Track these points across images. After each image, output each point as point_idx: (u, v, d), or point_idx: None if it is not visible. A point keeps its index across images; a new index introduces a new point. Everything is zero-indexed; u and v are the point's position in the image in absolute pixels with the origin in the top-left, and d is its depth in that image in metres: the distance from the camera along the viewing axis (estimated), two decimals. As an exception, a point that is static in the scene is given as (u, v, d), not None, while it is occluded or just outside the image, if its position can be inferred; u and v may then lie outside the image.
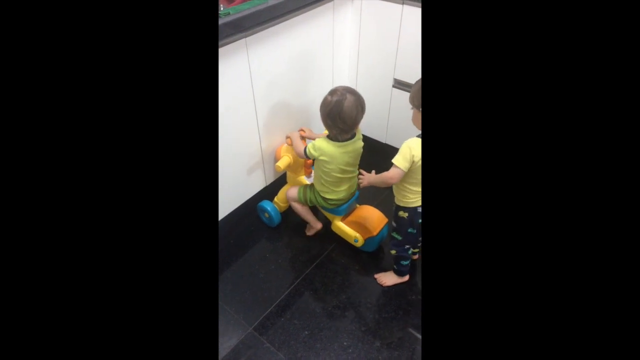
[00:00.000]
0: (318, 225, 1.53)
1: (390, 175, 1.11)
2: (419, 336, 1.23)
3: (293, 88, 1.50)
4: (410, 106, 1.09)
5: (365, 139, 1.91)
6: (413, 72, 1.54)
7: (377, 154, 1.84)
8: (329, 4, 1.45)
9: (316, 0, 1.37)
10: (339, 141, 1.26)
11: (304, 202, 1.46)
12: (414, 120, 1.10)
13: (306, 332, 1.24)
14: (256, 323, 1.27)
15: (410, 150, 1.06)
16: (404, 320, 1.27)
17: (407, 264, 1.34)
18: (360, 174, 1.26)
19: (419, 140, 1.07)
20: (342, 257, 1.48)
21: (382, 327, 1.26)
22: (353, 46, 1.66)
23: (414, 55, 1.50)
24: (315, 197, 1.40)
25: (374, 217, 1.43)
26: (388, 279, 1.38)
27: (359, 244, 1.43)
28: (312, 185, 1.44)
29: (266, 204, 1.54)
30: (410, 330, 1.25)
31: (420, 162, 1.07)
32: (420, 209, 1.19)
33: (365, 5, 1.53)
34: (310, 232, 1.54)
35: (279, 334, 1.24)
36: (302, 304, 1.33)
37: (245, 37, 1.18)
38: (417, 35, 1.46)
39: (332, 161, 1.27)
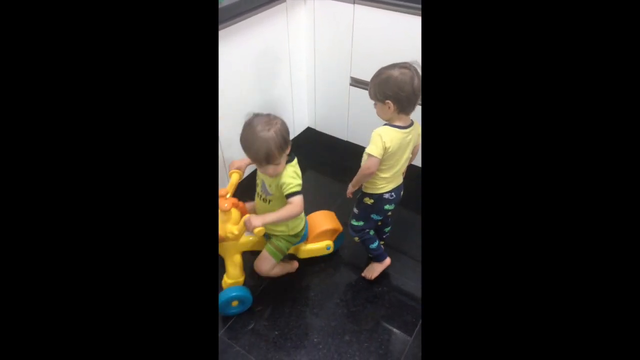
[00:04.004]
0: (295, 265, 1.41)
1: (367, 165, 1.13)
2: (387, 326, 1.26)
3: (250, 90, 1.50)
4: (373, 102, 1.12)
5: (326, 137, 1.95)
6: (369, 70, 1.56)
7: (339, 151, 1.87)
8: (282, 5, 1.46)
9: (268, 2, 1.38)
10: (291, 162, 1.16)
11: (282, 258, 1.29)
12: (378, 113, 1.13)
13: (276, 333, 1.24)
14: (225, 328, 1.25)
15: (381, 138, 1.09)
16: (371, 312, 1.30)
17: (377, 245, 1.34)
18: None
19: (388, 127, 1.11)
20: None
21: (351, 320, 1.28)
22: (309, 46, 1.68)
23: (368, 54, 1.53)
24: (289, 241, 1.27)
25: (326, 217, 1.41)
26: (372, 272, 1.37)
27: (332, 249, 1.43)
28: (276, 236, 1.26)
29: (229, 293, 1.21)
30: (379, 321, 1.27)
31: (391, 149, 1.11)
32: (386, 195, 1.21)
33: (317, 6, 1.56)
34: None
35: (249, 337, 1.23)
36: (271, 305, 1.32)
37: (198, 39, 1.17)
38: (370, 34, 1.50)
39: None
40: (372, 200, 1.23)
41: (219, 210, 1.14)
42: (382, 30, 1.45)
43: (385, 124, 1.12)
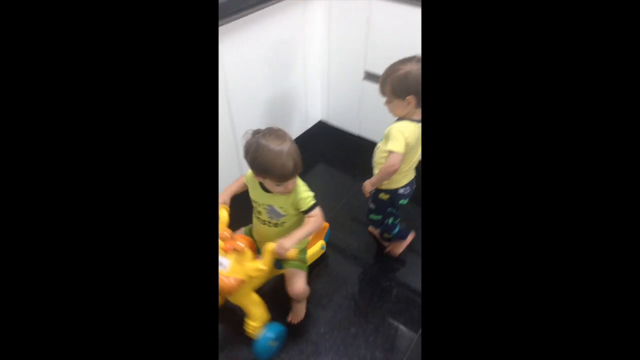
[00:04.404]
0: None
1: (391, 163, 1.11)
2: (393, 322, 1.27)
3: (263, 82, 1.50)
4: (385, 98, 1.11)
5: (338, 131, 1.95)
6: (383, 64, 1.56)
7: (350, 145, 1.87)
8: (299, -3, 1.46)
9: (285, -7, 1.38)
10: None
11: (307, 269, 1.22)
12: (393, 109, 1.11)
13: (283, 322, 1.25)
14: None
15: (402, 134, 1.08)
16: (378, 307, 1.30)
17: (399, 229, 1.38)
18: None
19: (407, 122, 1.10)
20: (318, 248, 1.49)
21: (357, 313, 1.28)
22: (324, 39, 1.68)
23: (383, 48, 1.52)
24: (304, 252, 1.23)
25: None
26: (398, 248, 1.43)
27: (325, 248, 1.44)
28: (298, 252, 1.12)
29: (265, 336, 1.12)
30: (385, 316, 1.28)
31: (411, 144, 1.10)
32: (401, 190, 1.22)
33: (334, -2, 1.55)
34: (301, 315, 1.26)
35: (256, 326, 1.24)
36: (278, 296, 1.33)
37: (214, 29, 1.18)
38: (386, 28, 1.48)
39: None
40: (387, 196, 1.24)
41: (235, 253, 1.03)
42: (399, 24, 1.44)
43: (400, 119, 1.12)
